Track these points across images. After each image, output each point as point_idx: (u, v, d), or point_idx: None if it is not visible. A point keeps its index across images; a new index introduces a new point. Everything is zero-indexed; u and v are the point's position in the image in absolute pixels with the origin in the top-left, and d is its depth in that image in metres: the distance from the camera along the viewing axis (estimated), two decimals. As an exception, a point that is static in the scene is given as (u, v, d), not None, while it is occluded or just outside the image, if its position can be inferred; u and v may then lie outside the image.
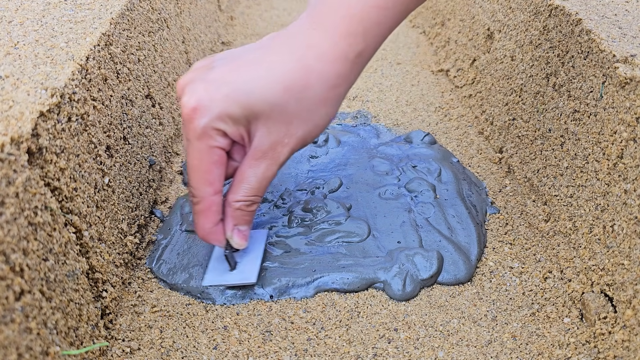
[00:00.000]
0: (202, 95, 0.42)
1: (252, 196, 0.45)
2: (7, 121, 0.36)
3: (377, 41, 0.44)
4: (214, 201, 0.44)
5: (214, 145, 0.43)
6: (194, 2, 0.84)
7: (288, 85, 0.42)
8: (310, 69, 0.42)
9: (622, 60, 0.45)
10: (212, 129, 0.42)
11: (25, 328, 0.32)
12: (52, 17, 0.52)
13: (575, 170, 0.50)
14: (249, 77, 0.42)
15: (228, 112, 0.42)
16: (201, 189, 0.44)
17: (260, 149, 0.44)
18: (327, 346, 0.44)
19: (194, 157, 0.43)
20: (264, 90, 0.42)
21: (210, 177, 0.44)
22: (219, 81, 0.42)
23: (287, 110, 0.43)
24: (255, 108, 0.42)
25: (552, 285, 0.49)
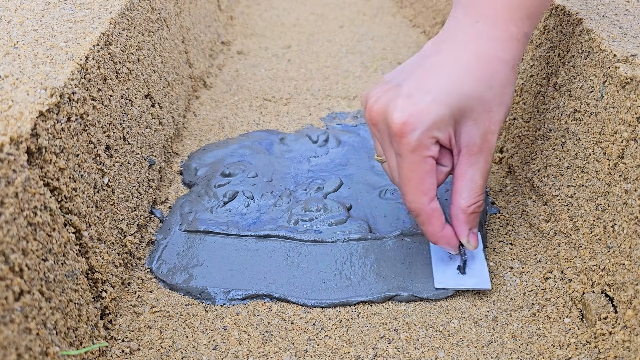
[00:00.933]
0: (409, 109, 0.43)
1: (480, 195, 0.47)
2: (6, 121, 0.36)
3: (538, 19, 0.47)
4: (433, 208, 0.45)
5: (427, 155, 0.44)
6: (193, 2, 0.83)
7: (478, 76, 0.44)
8: (491, 56, 0.45)
9: (622, 60, 0.45)
10: (427, 139, 0.43)
11: (24, 328, 0.32)
12: (52, 17, 0.52)
13: (576, 170, 0.50)
14: (443, 78, 0.44)
15: (439, 117, 0.43)
16: (417, 200, 0.45)
17: (475, 143, 0.45)
18: (327, 346, 0.44)
19: (408, 170, 0.44)
20: (460, 86, 0.44)
21: (424, 187, 0.45)
22: (418, 91, 0.43)
23: (485, 99, 0.44)
24: (460, 105, 0.44)
25: (552, 285, 0.49)
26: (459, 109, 0.44)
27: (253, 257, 0.51)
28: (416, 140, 0.43)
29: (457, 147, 0.46)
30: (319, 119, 0.72)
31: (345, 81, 0.82)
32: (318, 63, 0.87)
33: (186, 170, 0.62)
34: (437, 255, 0.50)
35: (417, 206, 0.45)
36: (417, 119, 0.43)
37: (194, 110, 0.74)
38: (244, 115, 0.74)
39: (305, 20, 1.05)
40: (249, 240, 0.52)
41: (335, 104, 0.76)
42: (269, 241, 0.52)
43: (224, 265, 0.50)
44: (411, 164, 0.44)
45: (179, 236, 0.53)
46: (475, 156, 0.46)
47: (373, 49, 0.93)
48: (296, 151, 0.64)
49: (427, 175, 0.44)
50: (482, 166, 0.46)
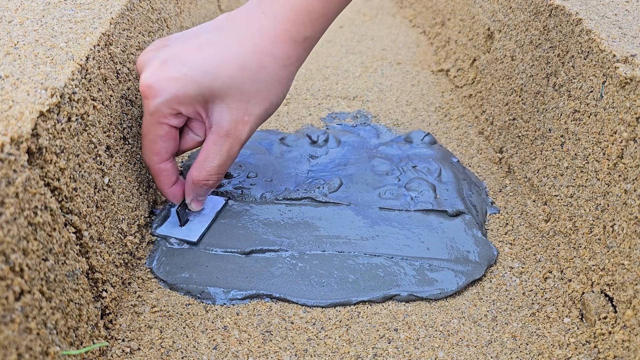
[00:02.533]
0: (159, 74, 0.44)
1: (214, 175, 0.49)
2: (7, 121, 0.36)
3: (323, 28, 0.48)
4: (162, 168, 0.49)
5: (163, 122, 0.46)
6: (194, 2, 0.83)
7: (244, 65, 0.45)
8: (264, 51, 0.46)
9: (622, 60, 0.45)
10: (166, 109, 0.45)
11: (25, 328, 0.32)
12: (52, 17, 0.52)
13: (576, 170, 0.50)
14: (206, 57, 0.45)
15: (185, 91, 0.44)
16: (148, 157, 0.49)
17: (223, 126, 0.47)
18: (327, 346, 0.44)
19: (145, 129, 0.47)
20: (221, 70, 0.45)
21: (156, 148, 0.48)
22: (177, 60, 0.44)
23: (244, 89, 0.46)
24: (212, 87, 0.45)
25: (552, 285, 0.49)
26: (210, 91, 0.45)
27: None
28: (154, 106, 0.45)
29: (208, 124, 0.48)
30: (319, 119, 0.72)
31: (345, 81, 0.82)
32: (318, 63, 0.87)
33: (186, 170, 0.62)
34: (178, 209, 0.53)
35: (147, 162, 0.49)
36: (161, 88, 0.44)
37: (194, 110, 0.74)
38: (244, 115, 0.74)
39: (305, 21, 1.05)
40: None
41: (335, 104, 0.76)
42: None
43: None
44: (148, 124, 0.47)
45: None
46: (220, 138, 0.47)
47: (373, 49, 0.93)
48: (296, 151, 0.65)
49: (160, 139, 0.47)
50: (225, 150, 0.48)
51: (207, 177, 0.49)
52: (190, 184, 0.50)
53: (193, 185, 0.50)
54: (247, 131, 0.48)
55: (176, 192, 0.51)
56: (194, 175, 0.49)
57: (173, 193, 0.51)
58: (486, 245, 0.52)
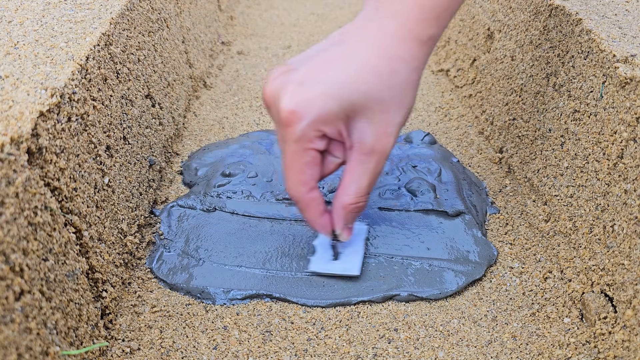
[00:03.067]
0: (299, 97, 0.42)
1: (364, 196, 0.46)
2: (7, 121, 0.36)
3: (447, 23, 0.45)
4: (312, 197, 0.45)
5: (309, 148, 0.43)
6: (194, 2, 0.84)
7: (377, 72, 0.42)
8: (393, 55, 0.43)
9: (622, 60, 0.45)
10: (311, 131, 0.42)
11: (25, 328, 0.32)
12: (52, 17, 0.52)
13: (576, 170, 0.50)
14: (338, 71, 0.42)
15: (327, 110, 0.42)
16: (296, 189, 0.45)
17: (367, 142, 0.44)
18: (327, 346, 0.44)
19: (289, 158, 0.44)
20: (356, 81, 0.42)
21: (304, 177, 0.44)
22: (310, 81, 0.42)
23: (382, 98, 0.43)
24: (352, 99, 0.42)
25: (552, 285, 0.49)
26: (351, 105, 0.42)
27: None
28: (300, 131, 0.42)
29: (349, 143, 0.44)
30: (319, 119, 0.72)
31: (345, 81, 0.82)
32: (318, 63, 0.87)
33: (186, 170, 0.62)
34: (320, 242, 0.51)
35: (295, 194, 0.45)
36: (305, 110, 0.41)
37: (194, 110, 0.74)
38: (244, 115, 0.74)
39: (305, 21, 1.05)
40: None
41: (335, 104, 0.76)
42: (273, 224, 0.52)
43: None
44: (293, 153, 0.43)
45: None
46: (365, 156, 0.44)
47: (373, 49, 0.92)
48: (296, 151, 0.64)
49: (307, 167, 0.44)
50: (372, 168, 0.45)
51: (357, 199, 0.46)
52: (341, 211, 0.46)
53: (343, 212, 0.46)
54: (391, 143, 0.44)
55: (326, 221, 0.47)
56: (344, 201, 0.46)
57: (324, 223, 0.47)
58: (486, 245, 0.52)
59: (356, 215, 0.47)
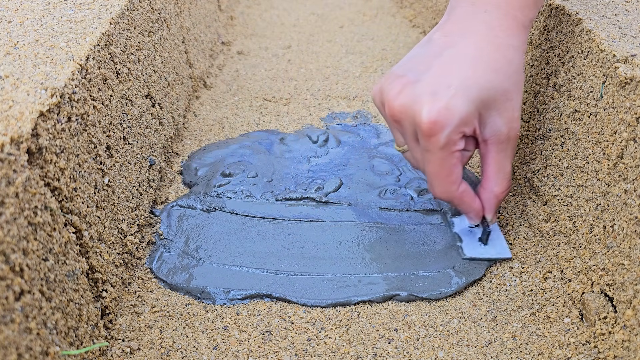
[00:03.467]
0: (437, 107, 0.43)
1: (509, 180, 0.49)
2: (7, 121, 0.36)
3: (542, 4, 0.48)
4: (463, 191, 0.48)
5: (455, 150, 0.45)
6: (194, 2, 0.84)
7: (496, 66, 0.45)
8: (504, 45, 0.46)
9: (622, 60, 0.45)
10: (455, 135, 0.44)
11: (25, 328, 0.32)
12: (52, 17, 0.52)
13: (576, 170, 0.50)
14: (464, 74, 0.44)
15: (465, 113, 0.44)
16: (447, 190, 0.48)
17: (502, 132, 0.47)
18: (327, 346, 0.44)
19: (437, 165, 0.46)
20: (482, 79, 0.44)
21: (453, 178, 0.47)
22: (441, 88, 0.44)
23: (506, 89, 0.45)
24: (482, 97, 0.44)
25: (552, 285, 0.49)
26: (482, 102, 0.45)
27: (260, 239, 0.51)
28: (445, 138, 0.44)
29: (483, 137, 0.47)
30: (319, 119, 0.72)
31: (345, 81, 0.82)
32: (318, 63, 0.87)
33: (186, 170, 0.62)
34: (461, 230, 0.53)
35: (448, 195, 0.48)
36: (446, 117, 0.43)
37: (194, 110, 0.74)
38: (244, 115, 0.74)
39: (305, 21, 1.05)
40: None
41: (335, 104, 0.76)
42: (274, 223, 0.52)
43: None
44: (440, 159, 0.45)
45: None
46: (503, 144, 0.47)
47: (373, 49, 0.93)
48: (296, 151, 0.65)
49: (454, 168, 0.46)
50: (510, 153, 0.48)
51: (508, 185, 0.49)
52: (494, 200, 0.49)
53: (496, 201, 0.49)
54: (519, 125, 0.48)
55: (480, 206, 0.50)
56: (496, 191, 0.49)
57: (478, 209, 0.50)
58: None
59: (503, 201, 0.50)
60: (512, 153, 0.48)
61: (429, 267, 0.50)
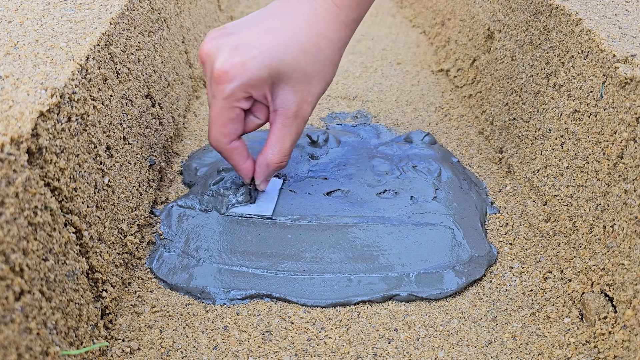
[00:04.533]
0: (234, 59, 0.47)
1: (287, 155, 0.53)
2: (7, 121, 0.36)
3: (367, 8, 0.52)
4: (234, 147, 0.51)
5: (235, 106, 0.49)
6: (194, 2, 0.84)
7: (305, 48, 0.48)
8: (321, 35, 0.49)
9: (622, 60, 0.45)
10: (240, 92, 0.48)
11: (25, 328, 0.32)
12: (52, 17, 0.52)
13: (576, 170, 0.50)
14: (272, 42, 0.47)
15: (257, 75, 0.47)
16: (218, 140, 0.51)
17: (290, 109, 0.50)
18: (327, 346, 0.44)
19: (215, 112, 0.49)
20: (286, 53, 0.48)
21: (226, 130, 0.50)
22: (247, 46, 0.47)
23: (306, 71, 0.49)
24: (280, 69, 0.48)
25: (552, 285, 0.49)
26: (278, 73, 0.48)
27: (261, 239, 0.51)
28: (230, 90, 0.47)
29: (273, 107, 0.50)
30: (319, 119, 0.72)
31: (345, 81, 0.82)
32: (318, 63, 0.87)
33: (186, 171, 0.62)
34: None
35: (217, 145, 0.51)
36: (237, 72, 0.47)
37: (194, 110, 0.74)
38: (244, 115, 0.74)
39: (306, 21, 1.05)
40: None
41: (335, 104, 0.76)
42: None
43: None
44: (220, 108, 0.49)
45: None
46: (289, 120, 0.51)
47: (373, 49, 0.93)
48: (296, 151, 0.65)
49: (230, 122, 0.50)
50: (294, 131, 0.51)
51: (281, 158, 0.52)
52: (265, 167, 0.53)
53: (267, 169, 0.53)
54: (310, 110, 0.51)
55: (249, 168, 0.53)
56: (269, 159, 0.52)
57: (247, 169, 0.53)
58: (486, 246, 0.52)
59: (275, 171, 0.54)
60: (296, 132, 0.51)
61: (429, 267, 0.50)
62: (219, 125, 0.50)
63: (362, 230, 0.53)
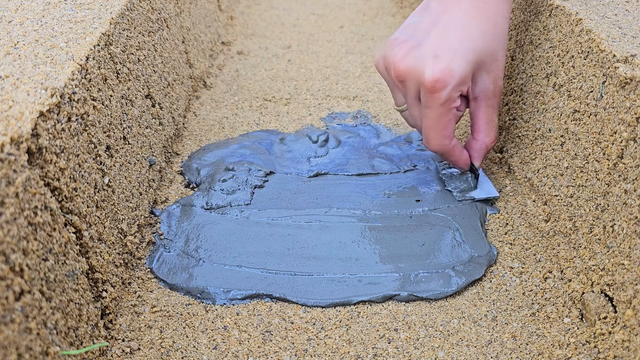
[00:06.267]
0: (439, 67, 0.49)
1: (497, 130, 0.57)
2: (7, 121, 0.36)
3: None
4: (454, 145, 0.54)
5: (453, 107, 0.52)
6: (194, 2, 0.84)
7: (485, 30, 0.51)
8: (491, 11, 0.52)
9: (622, 60, 0.45)
10: (455, 93, 0.51)
11: (25, 328, 0.32)
12: (52, 17, 0.52)
13: (576, 170, 0.50)
14: (459, 36, 0.50)
15: (465, 73, 0.50)
16: (442, 143, 0.54)
17: (489, 89, 0.54)
18: (327, 346, 0.44)
19: (435, 120, 0.52)
20: (475, 42, 0.51)
21: (447, 132, 0.53)
22: (443, 51, 0.50)
23: (493, 50, 0.52)
24: (477, 60, 0.51)
25: (552, 285, 0.49)
26: (476, 63, 0.51)
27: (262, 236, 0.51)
28: (446, 95, 0.50)
29: (473, 95, 0.54)
30: (319, 119, 0.72)
31: (345, 81, 0.82)
32: (318, 63, 0.87)
33: (187, 171, 0.62)
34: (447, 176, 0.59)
35: (441, 148, 0.54)
36: (448, 77, 0.49)
37: (194, 110, 0.74)
38: (244, 115, 0.74)
39: (305, 21, 1.05)
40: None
41: (335, 104, 0.76)
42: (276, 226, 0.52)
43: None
44: (439, 115, 0.51)
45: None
46: (490, 100, 0.54)
47: (373, 49, 0.93)
48: (296, 151, 0.65)
49: (450, 123, 0.53)
50: (497, 107, 0.55)
51: (496, 136, 0.56)
52: (484, 149, 0.56)
53: (486, 150, 0.56)
54: (502, 82, 0.54)
55: (468, 157, 0.57)
56: (487, 141, 0.56)
57: (466, 159, 0.56)
58: (486, 245, 0.52)
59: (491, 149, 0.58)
60: (498, 107, 0.55)
61: (429, 267, 0.50)
62: (440, 130, 0.52)
63: (362, 230, 0.53)
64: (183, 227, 0.54)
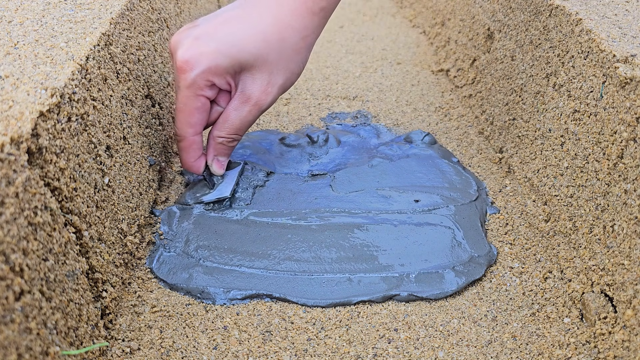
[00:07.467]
0: (193, 50, 0.49)
1: (232, 134, 0.54)
2: (7, 121, 0.36)
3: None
4: (194, 140, 0.53)
5: (199, 94, 0.50)
6: (194, 2, 0.84)
7: (267, 37, 0.49)
8: (285, 23, 0.50)
9: (622, 60, 0.45)
10: (202, 80, 0.49)
11: (25, 328, 0.32)
12: (52, 17, 0.52)
13: (576, 170, 0.50)
14: (233, 31, 0.49)
15: (217, 63, 0.49)
16: (183, 130, 0.52)
17: (246, 94, 0.51)
18: (327, 346, 0.44)
19: (181, 102, 0.51)
20: (247, 42, 0.49)
21: (192, 120, 0.51)
22: (207, 36, 0.49)
23: (268, 60, 0.50)
24: (240, 58, 0.49)
25: (552, 285, 0.49)
26: (239, 62, 0.49)
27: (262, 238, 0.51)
28: (192, 78, 0.49)
29: (234, 92, 0.52)
30: (319, 119, 0.72)
31: (345, 81, 0.82)
32: (318, 63, 0.87)
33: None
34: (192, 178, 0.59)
35: (181, 134, 0.52)
36: (196, 61, 0.49)
37: (194, 110, 0.74)
38: (244, 115, 0.74)
39: (305, 21, 1.05)
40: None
41: (335, 104, 0.76)
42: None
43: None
44: (185, 97, 0.50)
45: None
46: (242, 104, 0.52)
47: (373, 49, 0.93)
48: (296, 151, 0.65)
49: (196, 111, 0.51)
50: (245, 115, 0.52)
51: (227, 135, 0.53)
52: (212, 141, 0.54)
53: (213, 144, 0.54)
54: (269, 100, 0.52)
55: (200, 164, 0.55)
56: (215, 133, 0.54)
57: (198, 165, 0.55)
58: (486, 246, 0.52)
59: (225, 150, 0.55)
60: (247, 116, 0.52)
61: (429, 267, 0.50)
62: (185, 116, 0.51)
63: (362, 230, 0.53)
64: (183, 227, 0.54)
